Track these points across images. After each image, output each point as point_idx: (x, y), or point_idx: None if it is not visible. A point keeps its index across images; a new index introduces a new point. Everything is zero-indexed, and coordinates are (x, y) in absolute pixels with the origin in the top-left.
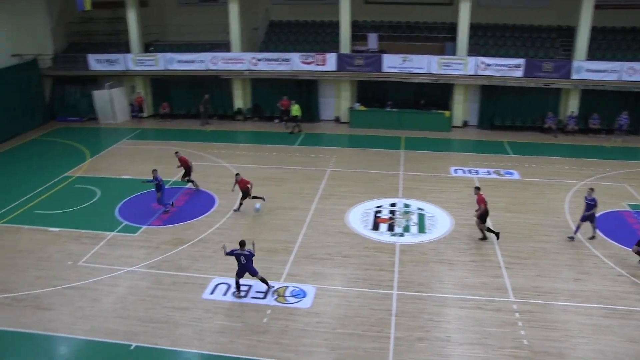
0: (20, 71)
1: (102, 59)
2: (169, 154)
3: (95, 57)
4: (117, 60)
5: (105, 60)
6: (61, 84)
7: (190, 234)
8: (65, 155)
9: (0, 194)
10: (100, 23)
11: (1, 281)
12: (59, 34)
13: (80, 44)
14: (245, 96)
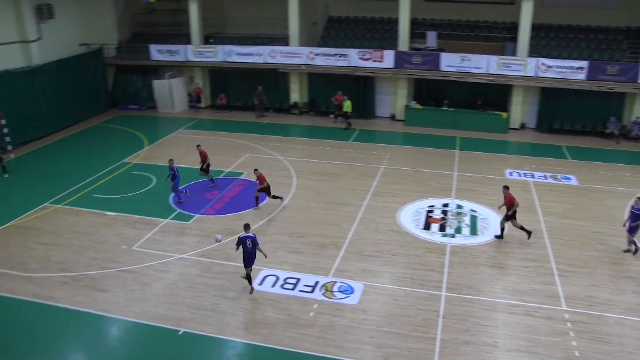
0: (86, 60)
1: (163, 49)
2: (224, 144)
3: (156, 48)
4: (178, 51)
5: (166, 51)
6: (124, 73)
7: (241, 224)
8: (124, 142)
9: (63, 177)
10: (163, 14)
11: (61, 260)
12: (124, 24)
13: (143, 35)
14: (301, 90)
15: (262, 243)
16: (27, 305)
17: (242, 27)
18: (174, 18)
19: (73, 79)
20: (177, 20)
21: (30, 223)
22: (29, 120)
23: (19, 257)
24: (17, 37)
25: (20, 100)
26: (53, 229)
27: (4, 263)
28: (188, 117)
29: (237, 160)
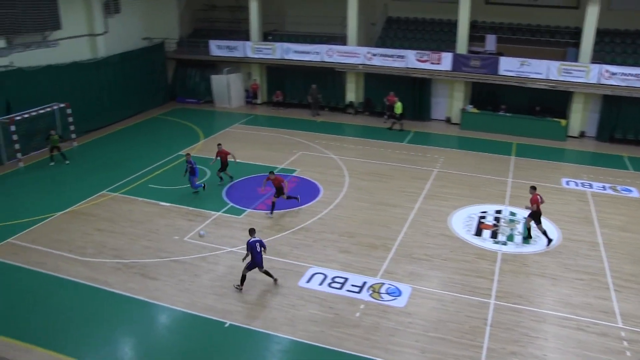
0: (148, 53)
1: (222, 45)
2: (278, 140)
3: (216, 43)
4: (237, 47)
5: (225, 47)
6: (183, 67)
7: (292, 221)
8: (181, 134)
9: (122, 167)
10: (223, 11)
11: (115, 247)
12: (185, 20)
13: (203, 30)
14: (357, 90)
15: (312, 241)
16: (82, 287)
17: (300, 26)
18: (234, 15)
19: (135, 72)
20: (237, 17)
21: (89, 209)
22: (92, 110)
23: (77, 242)
24: (86, 30)
25: (85, 91)
26: (109, 216)
27: (64, 246)
28: (244, 112)
29: (290, 158)
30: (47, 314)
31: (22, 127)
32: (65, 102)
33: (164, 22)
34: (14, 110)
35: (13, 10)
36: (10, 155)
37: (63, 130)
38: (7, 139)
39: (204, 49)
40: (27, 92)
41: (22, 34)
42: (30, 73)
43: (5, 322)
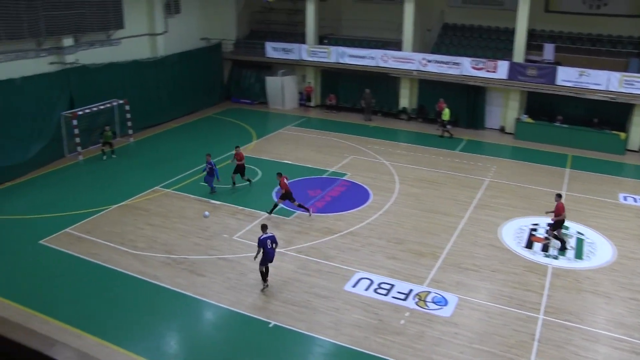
0: (205, 53)
1: (278, 47)
2: (330, 144)
3: (272, 45)
4: (292, 49)
5: (281, 49)
6: (239, 68)
7: (340, 225)
8: (234, 134)
9: (175, 164)
10: (280, 13)
11: (166, 242)
12: (243, 21)
13: (260, 32)
14: (411, 96)
15: (360, 246)
16: (132, 280)
17: (356, 30)
18: (291, 18)
19: (192, 71)
20: (294, 20)
21: (142, 204)
22: (149, 107)
23: (129, 235)
24: (147, 30)
25: (143, 88)
26: (161, 211)
27: (116, 238)
28: (297, 114)
29: (341, 161)
30: (97, 303)
31: (83, 121)
32: (124, 98)
33: (222, 23)
34: (76, 105)
35: (81, 11)
36: (71, 149)
37: (121, 126)
38: (69, 133)
39: (260, 50)
40: (89, 88)
41: (88, 32)
42: (93, 70)
43: (59, 307)
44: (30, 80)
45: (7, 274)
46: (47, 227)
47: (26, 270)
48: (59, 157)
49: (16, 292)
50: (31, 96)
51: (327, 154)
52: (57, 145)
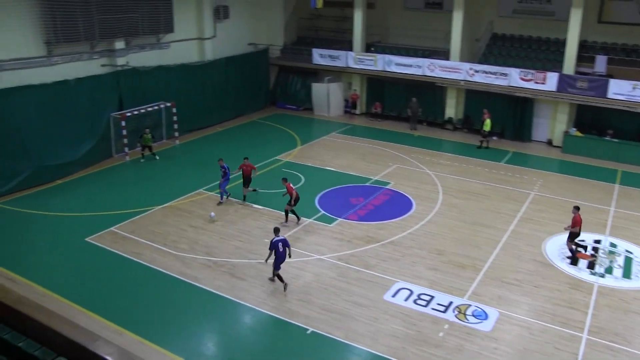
0: (252, 59)
1: (325, 54)
2: (374, 152)
3: (319, 52)
4: (339, 56)
5: (327, 56)
6: (285, 74)
7: (382, 234)
8: (278, 139)
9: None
10: (327, 20)
11: (207, 245)
12: (290, 27)
13: (307, 38)
14: (457, 106)
15: (401, 255)
16: (173, 280)
17: (403, 38)
18: (338, 25)
19: (238, 76)
20: (341, 27)
21: (186, 206)
22: (195, 111)
23: (172, 236)
24: (196, 34)
25: (190, 92)
26: (204, 214)
27: (159, 239)
28: (342, 122)
29: (385, 170)
30: (138, 302)
31: (131, 123)
32: (171, 101)
33: (270, 29)
34: (125, 106)
35: (133, 15)
36: (119, 149)
37: (167, 129)
38: (117, 134)
39: (306, 56)
40: (138, 90)
41: (139, 36)
42: (143, 72)
43: (102, 303)
44: (82, 82)
45: (55, 268)
46: (94, 225)
47: (72, 266)
48: (107, 157)
49: (63, 287)
50: (83, 97)
51: (370, 162)
52: (105, 145)
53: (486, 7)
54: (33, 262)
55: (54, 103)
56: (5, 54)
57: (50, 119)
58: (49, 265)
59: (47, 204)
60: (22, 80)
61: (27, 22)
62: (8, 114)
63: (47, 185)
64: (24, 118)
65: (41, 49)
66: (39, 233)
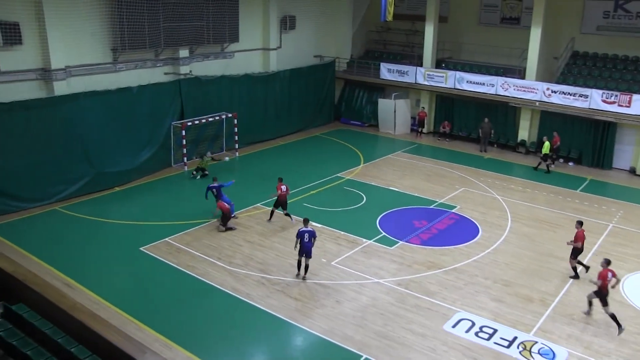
0: (317, 71)
1: (393, 68)
2: (441, 173)
3: (387, 66)
4: (408, 72)
5: (396, 71)
6: (351, 88)
7: (445, 260)
8: (341, 156)
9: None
10: (397, 34)
11: (262, 261)
12: (358, 40)
13: (375, 52)
14: (531, 128)
15: (464, 284)
16: (225, 296)
17: (476, 54)
18: (408, 39)
19: (302, 89)
20: (411, 41)
21: (242, 220)
22: (257, 123)
23: (227, 250)
24: (261, 44)
25: (252, 103)
26: (261, 229)
27: (214, 252)
28: (408, 140)
29: (451, 193)
30: (189, 316)
31: (191, 132)
32: (233, 112)
33: (337, 41)
34: (186, 115)
35: (199, 23)
36: (178, 159)
37: (227, 140)
38: (176, 143)
39: (374, 71)
40: (199, 100)
41: (204, 44)
42: (205, 82)
43: (153, 315)
44: (145, 89)
45: (109, 276)
46: (149, 235)
47: (126, 275)
48: (166, 166)
49: (116, 295)
50: (145, 104)
51: (436, 184)
52: (164, 154)
53: (567, 23)
54: (88, 268)
55: (116, 110)
56: (74, 60)
57: (111, 125)
58: (103, 273)
59: (104, 210)
60: (87, 86)
61: (97, 29)
62: (73, 119)
63: (105, 192)
64: (87, 124)
65: (107, 56)
66: (95, 239)
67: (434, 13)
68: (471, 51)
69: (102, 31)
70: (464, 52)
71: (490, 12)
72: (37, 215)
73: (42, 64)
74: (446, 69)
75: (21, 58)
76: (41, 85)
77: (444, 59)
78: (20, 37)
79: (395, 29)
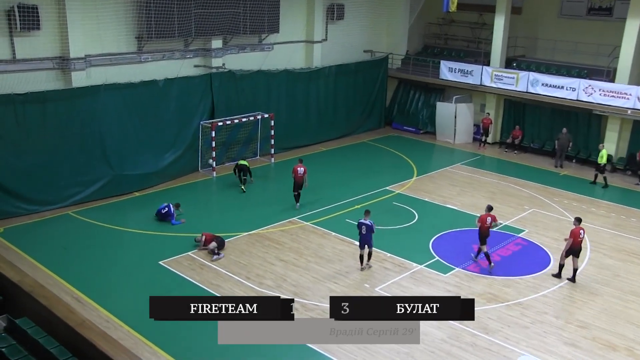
0: (367, 69)
1: (455, 67)
2: (507, 191)
3: (448, 65)
4: (472, 72)
5: (458, 70)
6: (406, 89)
7: (509, 292)
8: (392, 166)
9: (319, 194)
10: (462, 27)
11: (296, 283)
12: (415, 34)
13: (434, 48)
14: (619, 141)
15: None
16: None
17: (555, 53)
18: (474, 33)
19: (350, 88)
20: (477, 35)
21: (276, 235)
22: (296, 125)
23: (257, 269)
24: (304, 36)
25: (292, 103)
26: (296, 247)
27: (242, 271)
28: (469, 151)
29: (519, 214)
30: (210, 342)
31: (222, 134)
32: (270, 112)
33: (391, 34)
34: (217, 114)
35: (235, 10)
36: (206, 163)
37: (262, 144)
38: (205, 145)
39: (433, 70)
40: (233, 97)
41: (240, 35)
42: (240, 77)
43: (171, 339)
44: (172, 83)
45: (123, 292)
46: (170, 247)
47: (142, 291)
48: (192, 171)
49: (129, 313)
50: (171, 100)
51: (501, 203)
52: (191, 157)
53: None
54: (101, 281)
55: (140, 105)
56: (95, 48)
57: (134, 122)
58: (117, 288)
59: (122, 217)
60: (108, 78)
61: (121, 14)
62: (92, 114)
63: (124, 197)
64: (107, 120)
65: (131, 45)
66: (110, 250)
67: (506, 3)
68: (549, 48)
69: (127, 17)
70: (540, 49)
71: (575, 0)
72: (48, 220)
73: (60, 51)
74: (518, 69)
75: (38, 45)
76: (58, 75)
77: (516, 57)
78: (38, 22)
79: (460, 22)
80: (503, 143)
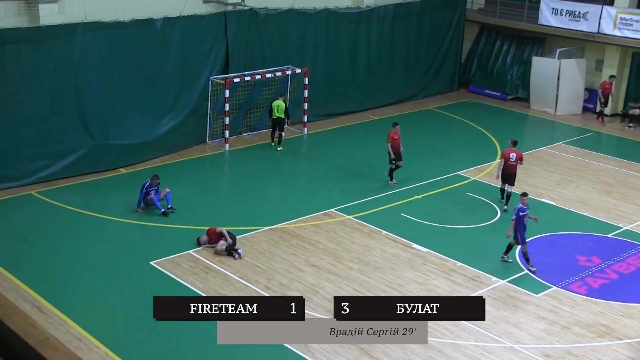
0: (437, 9)
1: (561, 9)
2: (627, 182)
3: (552, 5)
4: (586, 15)
5: (566, 12)
6: (490, 39)
7: (628, 325)
8: (467, 144)
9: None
10: None
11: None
12: None
13: None
14: None
15: None
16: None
17: None
18: None
19: (412, 37)
20: None
21: (306, 232)
22: (339, 85)
23: (280, 276)
24: None
25: (333, 55)
26: (333, 248)
27: (260, 278)
28: (578, 125)
29: None
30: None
31: (239, 94)
32: (304, 67)
33: None
34: (232, 68)
35: None
36: (216, 133)
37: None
38: (216, 109)
39: (529, 12)
40: (255, 45)
41: None
42: (265, 18)
43: None
44: (174, 24)
45: (99, 302)
46: (165, 243)
47: (125, 301)
48: (197, 142)
49: (106, 330)
50: (172, 47)
51: (621, 199)
52: (197, 124)
53: None
54: (73, 288)
55: (131, 52)
56: None
57: (122, 75)
58: (92, 296)
59: (103, 201)
60: (88, 15)
61: None
62: (66, 62)
63: (106, 174)
64: (87, 70)
65: None
66: (86, 244)
67: None
68: None
69: None
70: None
71: None
72: (5, 202)
73: None
74: None
75: None
76: (21, 8)
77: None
78: None
79: None
80: (626, 114)
